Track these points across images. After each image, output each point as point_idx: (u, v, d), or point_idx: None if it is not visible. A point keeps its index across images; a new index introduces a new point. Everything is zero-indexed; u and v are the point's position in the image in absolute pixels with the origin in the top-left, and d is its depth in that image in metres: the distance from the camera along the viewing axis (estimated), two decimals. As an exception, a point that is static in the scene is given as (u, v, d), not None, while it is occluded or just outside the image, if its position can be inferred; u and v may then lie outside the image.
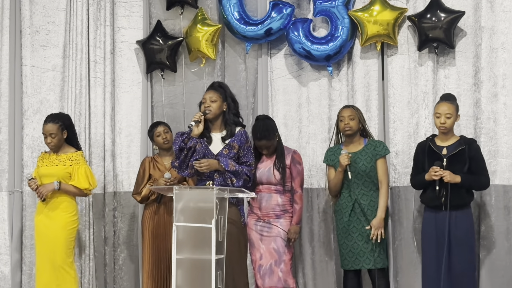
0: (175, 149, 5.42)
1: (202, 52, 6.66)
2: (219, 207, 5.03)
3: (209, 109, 5.42)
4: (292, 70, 6.69)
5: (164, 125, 6.34)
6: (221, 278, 5.04)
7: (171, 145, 6.28)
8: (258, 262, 5.93)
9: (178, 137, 5.46)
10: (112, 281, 6.84)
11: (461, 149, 5.67)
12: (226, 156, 5.38)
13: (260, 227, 5.96)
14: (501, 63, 6.25)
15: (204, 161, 5.36)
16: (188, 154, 5.40)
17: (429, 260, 5.71)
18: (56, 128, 6.11)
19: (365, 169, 5.89)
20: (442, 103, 5.75)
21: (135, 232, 6.83)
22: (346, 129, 5.95)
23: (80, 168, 6.15)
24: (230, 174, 5.38)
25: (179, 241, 5.07)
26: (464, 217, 5.67)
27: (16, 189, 6.96)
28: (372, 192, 5.92)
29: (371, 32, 6.34)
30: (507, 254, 6.17)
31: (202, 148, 5.37)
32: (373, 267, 5.86)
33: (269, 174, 5.93)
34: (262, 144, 5.94)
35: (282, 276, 5.89)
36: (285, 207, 6.00)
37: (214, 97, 5.44)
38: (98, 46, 6.94)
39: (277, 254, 5.92)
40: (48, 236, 6.07)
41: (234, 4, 6.60)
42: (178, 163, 5.46)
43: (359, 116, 5.99)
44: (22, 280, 6.92)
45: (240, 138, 5.44)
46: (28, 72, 7.02)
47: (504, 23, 6.26)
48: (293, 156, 6.05)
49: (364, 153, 5.94)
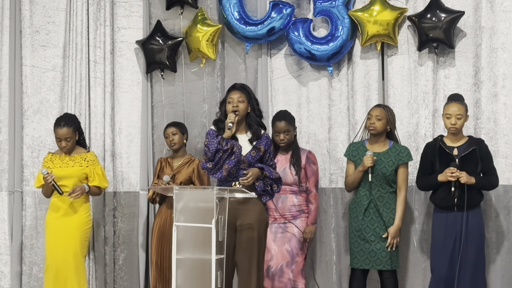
0: (212, 151, 5.31)
1: (202, 52, 6.66)
2: (219, 207, 5.03)
3: (237, 109, 5.38)
4: (292, 70, 6.69)
5: (175, 127, 6.32)
6: (221, 278, 5.04)
7: (177, 147, 6.29)
8: (267, 263, 5.89)
9: (212, 138, 5.31)
10: (112, 281, 6.84)
11: (472, 149, 5.66)
12: (253, 158, 5.34)
13: (274, 229, 5.96)
14: (501, 63, 6.25)
15: (249, 174, 5.29)
16: (223, 156, 5.29)
17: (440, 260, 5.67)
18: (71, 131, 6.14)
19: (385, 172, 5.84)
20: (452, 103, 5.72)
21: (135, 232, 6.83)
22: (371, 128, 5.90)
23: (96, 168, 6.20)
24: (272, 181, 5.37)
25: (179, 241, 5.07)
26: (475, 217, 5.67)
27: (16, 189, 6.95)
28: (389, 194, 5.88)
29: (371, 32, 6.34)
30: (507, 254, 6.17)
31: (238, 150, 5.32)
32: (384, 268, 5.83)
33: (285, 174, 5.92)
34: (282, 126, 5.99)
35: (292, 277, 5.90)
36: (301, 207, 6.01)
37: (242, 97, 5.39)
38: (98, 46, 6.94)
39: (290, 256, 5.92)
40: (62, 235, 6.08)
41: (234, 4, 6.60)
42: (212, 165, 5.30)
43: (388, 117, 5.92)
44: (22, 280, 6.92)
45: (266, 141, 5.41)
46: (28, 72, 7.01)
47: (504, 23, 6.26)
48: (308, 156, 6.07)
49: (387, 155, 5.89)
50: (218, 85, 6.78)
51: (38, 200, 6.81)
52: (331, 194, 6.48)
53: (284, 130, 6.02)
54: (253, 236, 5.24)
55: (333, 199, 6.48)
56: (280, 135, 6.02)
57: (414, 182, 6.10)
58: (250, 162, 5.31)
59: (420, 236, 6.32)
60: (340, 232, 6.47)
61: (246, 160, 5.31)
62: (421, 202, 6.29)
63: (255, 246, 5.24)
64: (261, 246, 5.30)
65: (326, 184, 6.50)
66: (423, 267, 6.28)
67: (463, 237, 5.60)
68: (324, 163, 6.53)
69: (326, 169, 6.53)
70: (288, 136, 6.04)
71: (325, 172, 6.52)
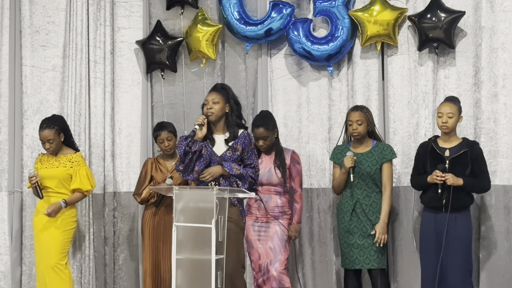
0: (180, 153, 5.37)
1: (202, 52, 6.66)
2: (219, 207, 5.03)
3: (211, 111, 5.38)
4: (292, 70, 6.69)
5: (168, 132, 6.26)
6: (221, 278, 5.04)
7: (173, 151, 6.29)
8: (257, 262, 5.95)
9: (182, 141, 5.39)
10: (112, 281, 6.83)
11: (463, 151, 5.67)
12: (229, 158, 5.35)
13: (257, 227, 5.97)
14: (501, 63, 6.25)
15: (206, 173, 5.32)
16: (193, 158, 5.35)
17: (427, 260, 5.73)
18: (53, 133, 6.13)
19: (370, 171, 5.88)
20: (444, 103, 5.78)
21: (135, 232, 6.82)
22: (354, 134, 5.94)
23: (81, 169, 6.17)
24: (235, 178, 5.36)
25: (179, 241, 5.07)
26: (463, 220, 5.68)
27: (16, 189, 6.95)
28: (375, 193, 5.92)
29: (371, 32, 6.34)
30: (507, 254, 6.17)
31: (207, 152, 5.34)
32: (373, 267, 5.87)
33: (270, 175, 5.93)
34: (260, 132, 5.94)
35: (276, 276, 5.89)
36: (283, 208, 6.01)
37: (217, 98, 5.40)
38: (98, 46, 6.94)
39: (273, 253, 5.93)
40: (45, 235, 6.10)
41: (234, 4, 6.60)
42: (183, 167, 5.40)
43: (368, 119, 5.95)
44: (22, 280, 6.92)
45: (243, 140, 5.42)
46: (28, 72, 7.01)
47: (504, 23, 6.26)
48: (292, 156, 6.06)
49: (370, 155, 5.93)
50: (218, 85, 6.78)
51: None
52: (331, 194, 6.48)
53: (263, 136, 5.97)
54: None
55: (333, 199, 6.48)
56: (259, 141, 5.98)
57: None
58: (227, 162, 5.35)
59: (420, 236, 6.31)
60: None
61: (222, 161, 5.33)
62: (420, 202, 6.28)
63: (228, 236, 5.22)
64: (236, 236, 5.33)
65: (326, 184, 6.50)
66: (423, 267, 6.28)
67: (449, 237, 5.62)
68: (324, 163, 6.53)
69: (326, 169, 6.53)
70: (268, 142, 6.00)
71: (325, 172, 6.52)
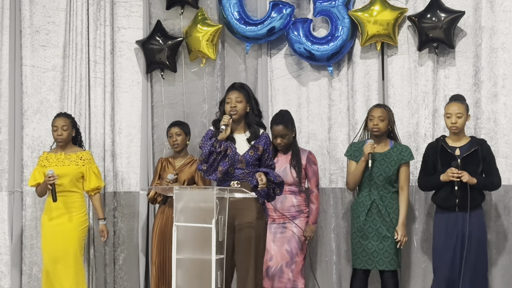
0: (205, 153, 5.31)
1: (202, 52, 6.66)
2: (219, 207, 5.02)
3: (235, 110, 5.37)
4: (292, 70, 6.69)
5: (179, 127, 6.31)
6: (221, 278, 5.03)
7: (180, 148, 6.29)
8: (267, 264, 5.88)
9: (206, 140, 5.31)
10: (112, 281, 6.83)
11: (474, 150, 5.67)
12: (251, 158, 5.33)
13: (274, 229, 5.95)
14: (501, 63, 6.26)
15: (262, 178, 5.24)
16: (217, 158, 5.28)
17: (442, 261, 5.67)
18: (69, 122, 6.24)
19: (388, 172, 5.84)
20: (452, 103, 5.74)
21: (135, 232, 6.83)
22: (375, 130, 5.88)
23: (92, 167, 6.27)
24: (276, 185, 5.37)
25: (179, 241, 5.06)
26: (477, 218, 5.67)
27: (16, 189, 6.95)
28: (391, 194, 5.88)
29: (371, 32, 6.34)
30: (507, 254, 6.18)
31: (232, 152, 5.32)
32: (387, 269, 5.83)
33: (285, 174, 5.91)
34: (279, 130, 5.96)
35: (291, 277, 5.89)
36: (300, 207, 6.00)
37: (240, 97, 5.35)
38: (98, 46, 6.94)
39: (289, 256, 5.92)
40: (62, 235, 6.10)
41: (234, 4, 6.60)
42: (207, 167, 5.31)
43: (390, 117, 5.92)
44: (22, 280, 6.92)
45: (265, 141, 5.39)
46: (28, 72, 7.01)
47: (504, 23, 6.26)
48: (308, 156, 6.06)
49: (389, 155, 5.88)
50: (218, 85, 6.78)
51: (38, 200, 6.80)
52: (331, 194, 6.48)
53: (282, 134, 5.99)
54: (252, 235, 5.23)
55: (333, 199, 6.48)
56: (278, 139, 6.00)
57: (414, 182, 6.11)
58: (248, 161, 5.31)
59: (421, 236, 6.32)
60: (340, 232, 6.47)
61: (244, 160, 5.30)
62: (422, 202, 6.29)
63: (254, 245, 5.23)
64: (259, 245, 5.28)
65: (326, 184, 6.50)
66: (423, 267, 6.28)
67: (465, 237, 5.59)
68: (324, 163, 6.53)
69: (326, 169, 6.53)
70: (286, 140, 6.01)
71: (325, 172, 6.52)
